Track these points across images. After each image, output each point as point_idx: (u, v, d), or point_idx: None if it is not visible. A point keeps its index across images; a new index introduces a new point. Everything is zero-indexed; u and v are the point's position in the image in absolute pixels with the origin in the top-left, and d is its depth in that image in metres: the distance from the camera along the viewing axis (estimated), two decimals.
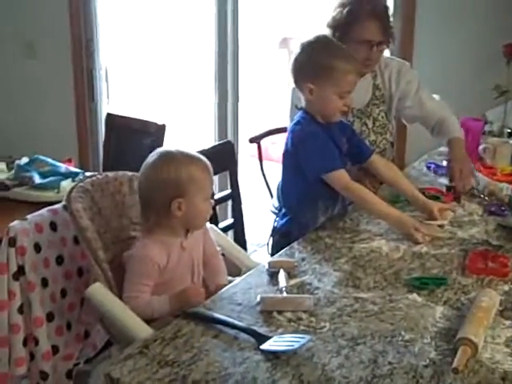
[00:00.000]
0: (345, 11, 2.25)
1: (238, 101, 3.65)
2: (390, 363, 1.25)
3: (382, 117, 2.41)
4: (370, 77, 2.39)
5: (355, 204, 2.00)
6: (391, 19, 2.30)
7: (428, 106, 2.41)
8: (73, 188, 1.68)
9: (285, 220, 2.00)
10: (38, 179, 2.44)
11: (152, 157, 1.67)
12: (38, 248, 1.70)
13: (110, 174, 1.80)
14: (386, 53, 3.21)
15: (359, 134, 2.32)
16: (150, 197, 1.66)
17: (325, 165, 1.87)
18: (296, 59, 1.90)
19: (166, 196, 1.62)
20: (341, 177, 1.88)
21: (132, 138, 2.95)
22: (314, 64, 1.85)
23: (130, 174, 1.83)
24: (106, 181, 1.77)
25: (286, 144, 1.95)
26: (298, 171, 1.92)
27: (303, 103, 1.93)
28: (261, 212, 2.26)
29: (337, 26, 2.27)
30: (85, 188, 1.70)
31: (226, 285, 1.71)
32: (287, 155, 1.96)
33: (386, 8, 2.30)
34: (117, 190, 1.78)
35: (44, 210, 1.76)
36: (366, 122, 2.37)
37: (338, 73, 1.82)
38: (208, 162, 1.69)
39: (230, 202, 2.58)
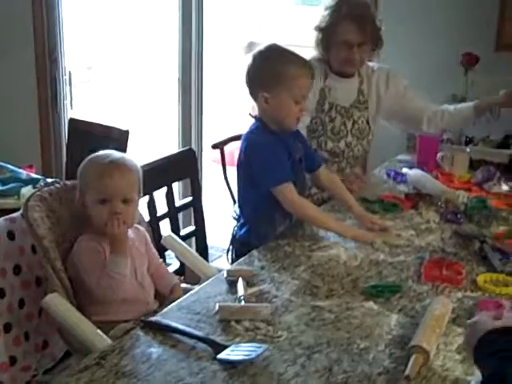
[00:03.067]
0: (326, 14, 2.36)
1: (201, 107, 3.65)
2: (344, 371, 1.27)
3: (362, 122, 2.47)
4: (357, 81, 2.46)
5: (301, 219, 1.99)
6: (377, 22, 2.37)
7: (417, 101, 2.54)
8: (30, 197, 1.67)
9: (243, 230, 2.00)
10: None
11: None
12: None
13: (69, 182, 1.79)
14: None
15: (338, 133, 2.40)
16: None
17: (273, 178, 1.86)
18: (248, 70, 1.91)
19: (79, 191, 1.70)
20: (287, 192, 1.86)
21: (95, 144, 2.90)
22: (265, 72, 1.87)
23: None
24: (64, 189, 1.76)
25: (240, 154, 1.95)
26: (252, 182, 1.93)
27: (256, 111, 1.94)
28: (225, 217, 2.28)
29: (320, 28, 2.37)
30: (42, 197, 1.69)
31: (178, 284, 1.80)
32: (241, 166, 1.95)
33: (367, 11, 2.35)
34: (75, 198, 1.76)
35: (1, 219, 1.74)
36: (345, 122, 2.43)
37: (289, 78, 1.83)
38: (126, 165, 1.70)
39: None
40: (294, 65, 1.85)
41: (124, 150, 2.73)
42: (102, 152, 1.73)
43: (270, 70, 1.85)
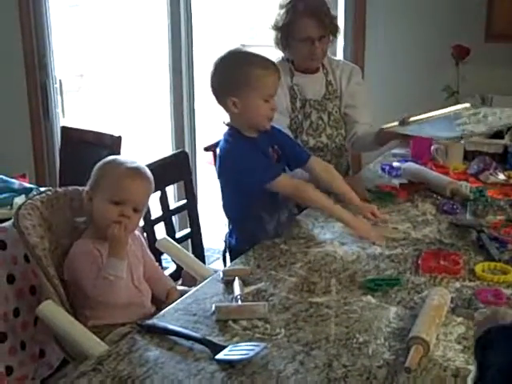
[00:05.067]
0: (282, 13, 2.34)
1: (193, 109, 3.64)
2: (344, 366, 1.25)
3: (336, 111, 2.47)
4: (322, 73, 2.46)
5: (307, 204, 1.99)
6: (332, 13, 2.38)
7: (361, 112, 2.47)
8: (21, 205, 1.66)
9: (234, 238, 1.99)
10: None
11: None
12: None
13: (60, 189, 1.78)
14: (340, 55, 3.27)
15: (316, 128, 2.40)
16: None
17: (265, 175, 1.85)
18: (212, 79, 1.89)
19: (90, 185, 1.72)
20: (286, 181, 1.88)
21: (88, 151, 2.91)
22: (231, 77, 1.85)
23: (80, 188, 1.80)
24: (55, 196, 1.75)
25: (218, 164, 1.94)
26: (235, 189, 1.92)
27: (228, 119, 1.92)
28: (222, 220, 2.28)
29: (278, 27, 2.36)
30: (34, 205, 1.67)
31: (175, 287, 1.78)
32: (222, 175, 1.94)
33: (322, 4, 2.34)
34: (67, 205, 1.75)
35: None
36: (321, 116, 2.43)
37: (255, 78, 1.82)
38: (148, 176, 1.73)
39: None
40: (257, 65, 1.84)
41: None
42: (126, 157, 1.77)
43: (235, 74, 1.84)
